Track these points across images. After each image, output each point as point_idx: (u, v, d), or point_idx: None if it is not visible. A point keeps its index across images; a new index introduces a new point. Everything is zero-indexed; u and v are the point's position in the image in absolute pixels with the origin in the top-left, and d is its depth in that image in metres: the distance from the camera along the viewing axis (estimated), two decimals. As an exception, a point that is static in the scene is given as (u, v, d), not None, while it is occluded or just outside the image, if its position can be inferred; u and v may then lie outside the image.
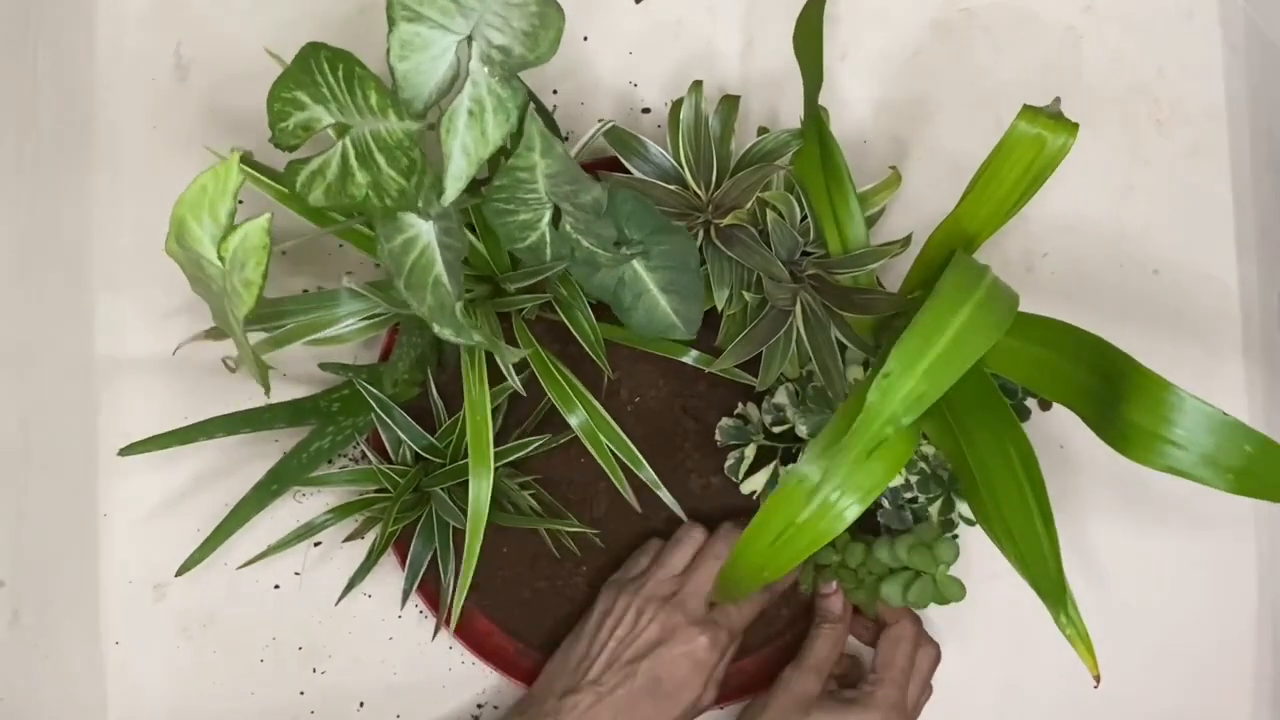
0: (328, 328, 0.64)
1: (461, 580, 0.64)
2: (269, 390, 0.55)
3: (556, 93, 0.76)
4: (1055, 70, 0.77)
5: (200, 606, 0.75)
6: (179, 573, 0.66)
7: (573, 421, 0.65)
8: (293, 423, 0.69)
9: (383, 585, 0.74)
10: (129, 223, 0.75)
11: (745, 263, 0.63)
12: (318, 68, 0.47)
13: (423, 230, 0.51)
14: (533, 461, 0.71)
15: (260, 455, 0.72)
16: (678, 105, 0.66)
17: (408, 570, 0.70)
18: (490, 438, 0.63)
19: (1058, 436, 0.74)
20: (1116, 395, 0.49)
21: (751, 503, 0.71)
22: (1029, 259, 0.76)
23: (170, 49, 0.76)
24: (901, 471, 0.65)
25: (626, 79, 0.76)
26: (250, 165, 0.60)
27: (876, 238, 0.67)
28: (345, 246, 0.75)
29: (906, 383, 0.46)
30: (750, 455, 0.70)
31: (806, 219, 0.66)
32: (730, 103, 0.68)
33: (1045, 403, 0.69)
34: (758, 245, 0.63)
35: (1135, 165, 0.77)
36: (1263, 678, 0.76)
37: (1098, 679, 0.53)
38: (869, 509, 0.67)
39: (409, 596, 0.70)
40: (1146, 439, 0.48)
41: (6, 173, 0.72)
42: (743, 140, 0.68)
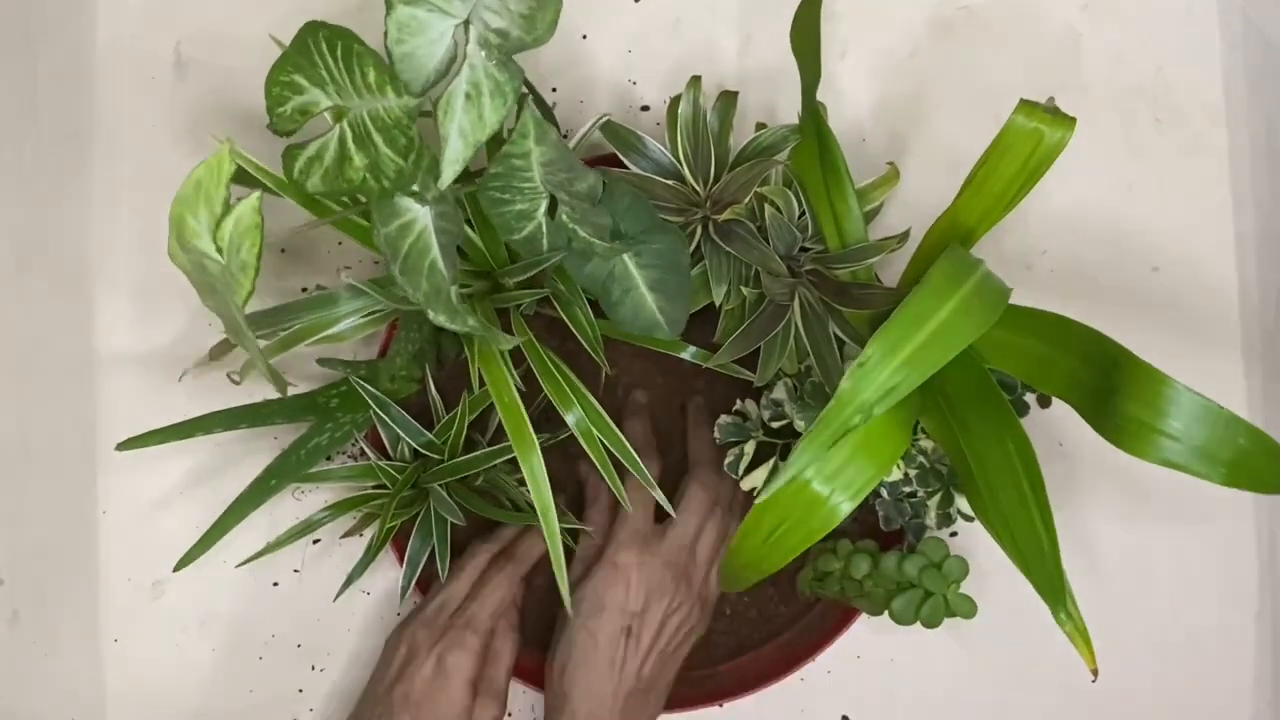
0: (329, 327, 0.64)
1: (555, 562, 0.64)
2: (285, 391, 0.56)
3: (556, 90, 0.76)
4: (1054, 68, 0.77)
5: (199, 604, 0.75)
6: (176, 568, 0.66)
7: (569, 419, 0.65)
8: (291, 419, 0.69)
9: (381, 582, 0.74)
10: (128, 220, 0.75)
11: (743, 258, 0.63)
12: (316, 48, 0.47)
13: (419, 214, 0.51)
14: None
15: (259, 452, 0.72)
16: (676, 101, 0.66)
17: (406, 566, 0.70)
18: (525, 415, 0.63)
19: (1056, 434, 0.73)
20: (1112, 388, 0.49)
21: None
22: (1028, 256, 0.76)
23: (170, 47, 0.76)
24: (900, 465, 0.64)
25: (625, 77, 0.77)
26: (247, 161, 0.60)
27: (875, 233, 0.67)
28: (345, 243, 0.75)
29: (881, 372, 0.46)
30: (749, 452, 0.69)
31: (805, 214, 0.66)
32: (728, 98, 0.68)
33: (1044, 399, 0.69)
34: (756, 240, 0.63)
35: (1134, 163, 0.77)
36: (1263, 671, 0.76)
37: (1095, 673, 0.53)
38: (867, 505, 0.68)
39: (408, 593, 0.70)
40: (1141, 431, 0.48)
41: (6, 169, 0.73)
42: (741, 136, 0.68)
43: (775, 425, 0.68)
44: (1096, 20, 0.77)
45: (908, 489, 0.66)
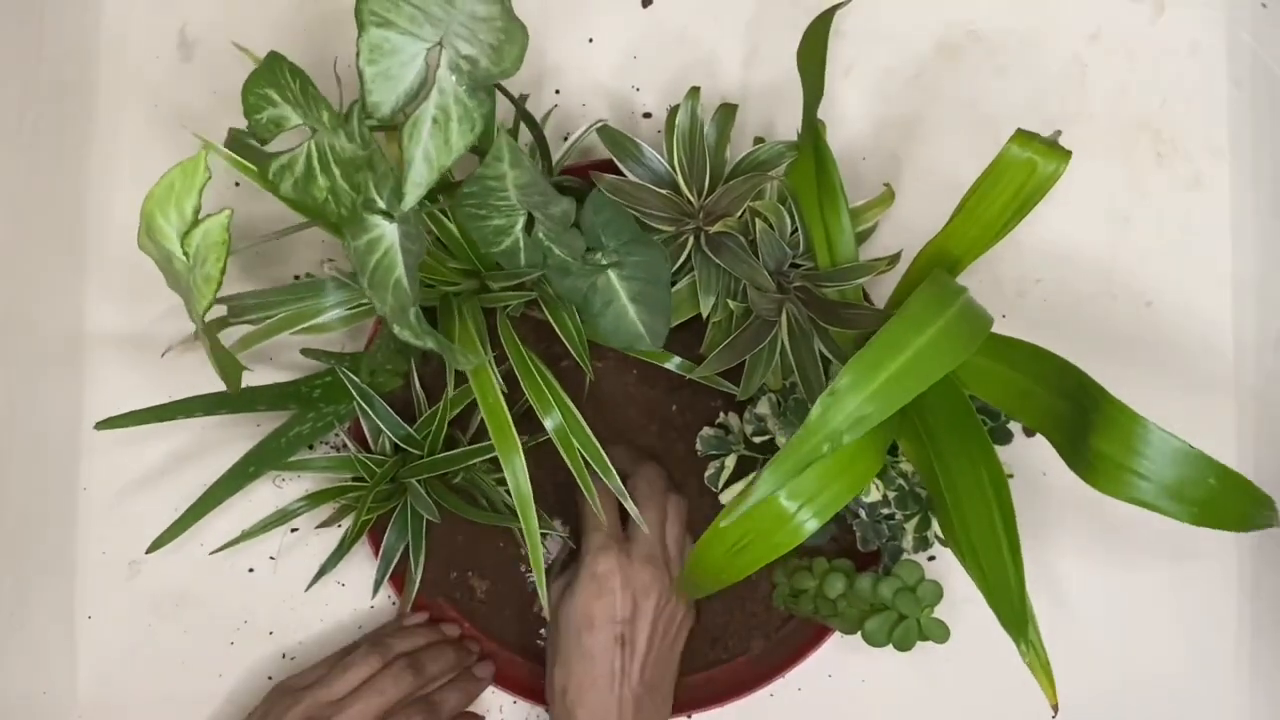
0: (314, 317, 0.64)
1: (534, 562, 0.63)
2: (236, 389, 0.56)
3: (559, 91, 0.76)
4: (1058, 97, 0.77)
5: (174, 585, 0.75)
6: (150, 549, 0.66)
7: (548, 424, 0.65)
8: (273, 406, 0.69)
9: (356, 574, 0.74)
10: (124, 199, 0.75)
11: (732, 271, 0.63)
12: (281, 75, 0.48)
13: (387, 231, 0.51)
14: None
15: (242, 438, 0.72)
16: (674, 110, 0.66)
17: (380, 560, 0.70)
18: (509, 417, 0.63)
19: (1039, 463, 0.73)
20: (1087, 424, 0.49)
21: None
22: (1021, 284, 0.76)
23: (175, 28, 0.76)
24: (879, 486, 0.64)
25: (629, 82, 0.76)
26: (232, 160, 0.60)
27: (867, 253, 0.67)
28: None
29: (852, 401, 0.45)
30: (730, 465, 0.69)
31: (797, 231, 0.65)
32: (727, 111, 0.67)
33: (1030, 428, 0.69)
34: (745, 254, 0.63)
35: (1134, 196, 0.77)
36: (1241, 714, 0.75)
37: (1055, 708, 0.53)
38: (845, 524, 0.68)
39: (380, 586, 0.70)
40: (1112, 469, 0.48)
41: (6, 142, 0.73)
42: (738, 149, 0.68)
43: (758, 440, 0.68)
44: (1103, 52, 0.77)
45: (886, 510, 0.66)
